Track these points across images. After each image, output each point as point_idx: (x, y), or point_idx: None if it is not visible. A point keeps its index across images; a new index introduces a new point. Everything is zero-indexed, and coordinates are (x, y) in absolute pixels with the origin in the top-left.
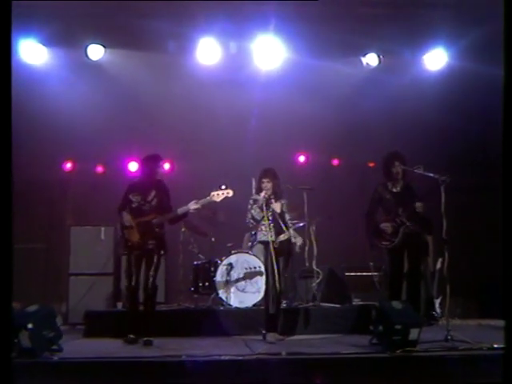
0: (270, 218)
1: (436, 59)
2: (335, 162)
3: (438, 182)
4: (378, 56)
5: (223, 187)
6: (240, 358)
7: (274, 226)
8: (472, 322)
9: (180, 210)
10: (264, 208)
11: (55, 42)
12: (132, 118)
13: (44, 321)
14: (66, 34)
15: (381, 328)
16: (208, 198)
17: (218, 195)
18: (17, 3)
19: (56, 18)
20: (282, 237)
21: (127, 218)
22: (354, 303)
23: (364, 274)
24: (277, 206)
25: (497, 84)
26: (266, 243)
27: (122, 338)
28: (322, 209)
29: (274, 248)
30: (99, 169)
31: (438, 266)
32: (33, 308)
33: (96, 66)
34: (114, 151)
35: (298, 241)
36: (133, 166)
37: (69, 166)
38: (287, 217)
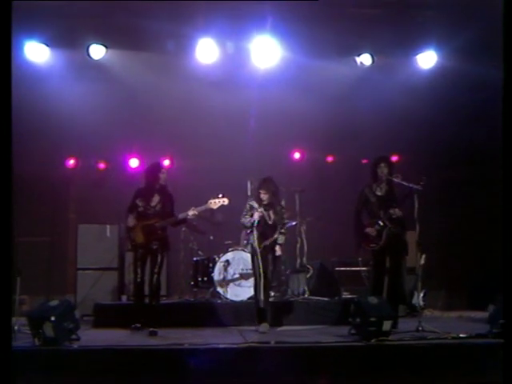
0: (261, 228)
1: (428, 59)
2: (329, 158)
3: (412, 190)
4: (372, 56)
5: (220, 196)
6: (234, 346)
7: (261, 234)
8: (454, 313)
9: (180, 216)
10: (255, 220)
11: (58, 42)
12: (132, 115)
13: (65, 314)
14: (68, 35)
15: (358, 320)
16: (205, 205)
17: (215, 203)
18: (19, 4)
19: (58, 19)
20: (267, 242)
21: (131, 221)
22: (343, 296)
23: (353, 268)
24: (270, 217)
25: (486, 82)
26: (253, 245)
27: (128, 328)
28: (314, 207)
29: (261, 251)
30: (101, 165)
31: (422, 261)
32: (55, 302)
33: (97, 66)
34: (115, 148)
35: (278, 250)
36: (134, 163)
37: (72, 162)
38: (278, 222)
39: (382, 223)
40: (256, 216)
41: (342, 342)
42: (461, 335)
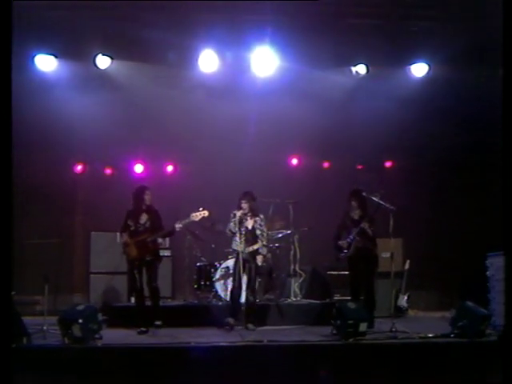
0: (243, 232)
1: (420, 69)
2: (326, 164)
3: (388, 209)
4: (367, 66)
5: (200, 209)
6: (233, 344)
7: (245, 240)
8: (437, 314)
9: (167, 229)
10: (237, 224)
11: (65, 53)
12: (137, 123)
13: (90, 316)
14: (75, 46)
15: (338, 322)
16: (188, 218)
17: (197, 215)
18: (30, 17)
19: (66, 31)
20: (251, 248)
21: (125, 239)
22: (334, 298)
23: (344, 272)
24: (249, 224)
25: (477, 91)
26: (237, 251)
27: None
28: (310, 213)
29: (246, 258)
30: (108, 170)
31: (406, 266)
32: (81, 307)
33: (103, 76)
34: (121, 154)
35: (259, 260)
36: (138, 168)
37: (79, 168)
38: (258, 232)
39: (352, 237)
40: (238, 215)
41: (325, 341)
42: (429, 335)
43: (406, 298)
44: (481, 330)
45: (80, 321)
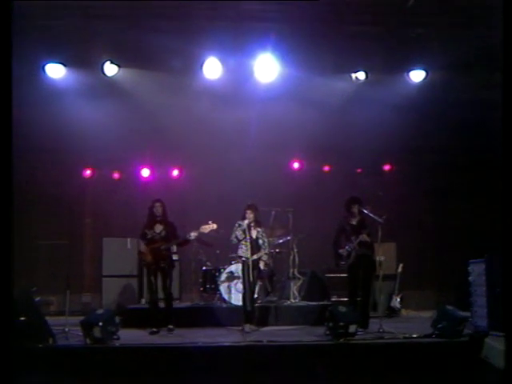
0: (249, 240)
1: (418, 75)
2: (326, 168)
3: (377, 221)
4: (366, 72)
5: (210, 222)
6: (236, 344)
7: (250, 247)
8: (429, 314)
9: (182, 239)
10: (246, 232)
11: (74, 61)
12: (144, 128)
13: (108, 319)
14: (83, 55)
15: (331, 324)
16: (199, 230)
17: (206, 228)
18: (38, 27)
19: (74, 40)
20: (255, 256)
21: (142, 246)
22: (332, 299)
23: (342, 275)
24: (253, 233)
25: (474, 96)
26: (243, 258)
27: (147, 331)
28: (308, 220)
29: (252, 264)
30: (115, 175)
31: (399, 269)
32: (101, 311)
33: (111, 83)
34: (128, 159)
35: (262, 265)
36: (145, 172)
37: (88, 172)
38: (260, 242)
39: (352, 246)
40: (245, 222)
41: (319, 341)
42: (413, 335)
43: (398, 299)
44: (458, 330)
45: (100, 324)
